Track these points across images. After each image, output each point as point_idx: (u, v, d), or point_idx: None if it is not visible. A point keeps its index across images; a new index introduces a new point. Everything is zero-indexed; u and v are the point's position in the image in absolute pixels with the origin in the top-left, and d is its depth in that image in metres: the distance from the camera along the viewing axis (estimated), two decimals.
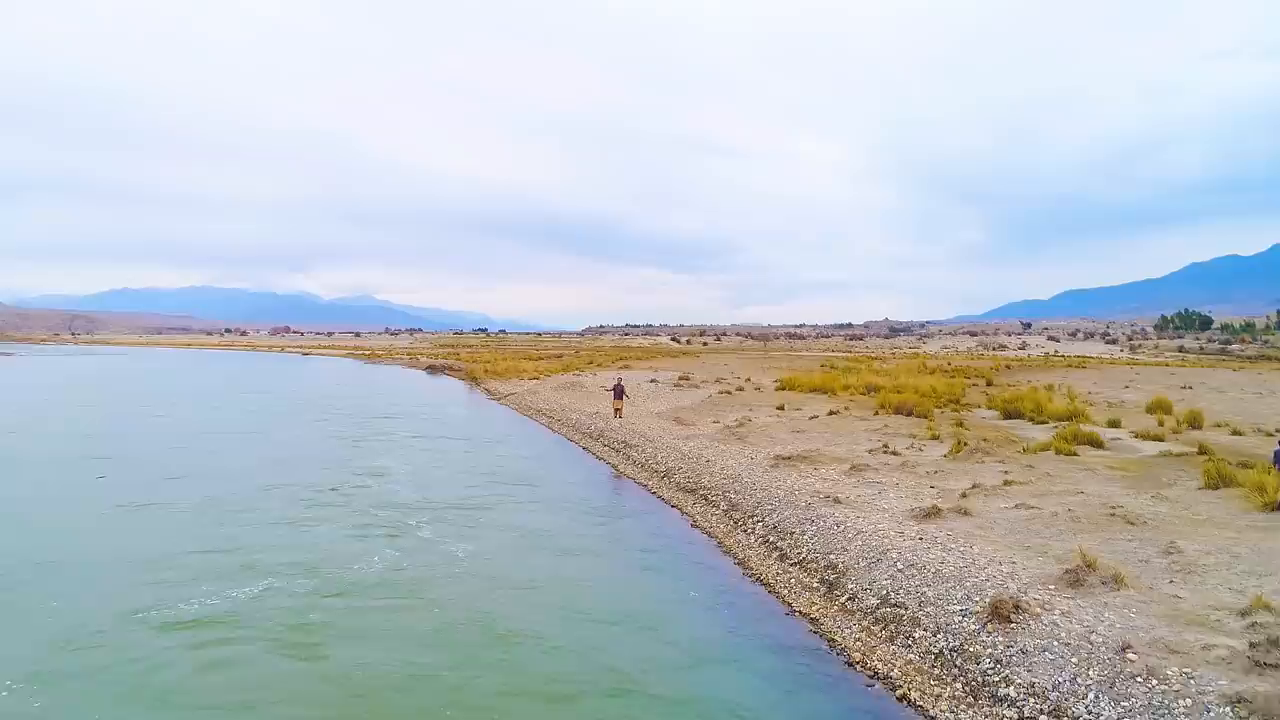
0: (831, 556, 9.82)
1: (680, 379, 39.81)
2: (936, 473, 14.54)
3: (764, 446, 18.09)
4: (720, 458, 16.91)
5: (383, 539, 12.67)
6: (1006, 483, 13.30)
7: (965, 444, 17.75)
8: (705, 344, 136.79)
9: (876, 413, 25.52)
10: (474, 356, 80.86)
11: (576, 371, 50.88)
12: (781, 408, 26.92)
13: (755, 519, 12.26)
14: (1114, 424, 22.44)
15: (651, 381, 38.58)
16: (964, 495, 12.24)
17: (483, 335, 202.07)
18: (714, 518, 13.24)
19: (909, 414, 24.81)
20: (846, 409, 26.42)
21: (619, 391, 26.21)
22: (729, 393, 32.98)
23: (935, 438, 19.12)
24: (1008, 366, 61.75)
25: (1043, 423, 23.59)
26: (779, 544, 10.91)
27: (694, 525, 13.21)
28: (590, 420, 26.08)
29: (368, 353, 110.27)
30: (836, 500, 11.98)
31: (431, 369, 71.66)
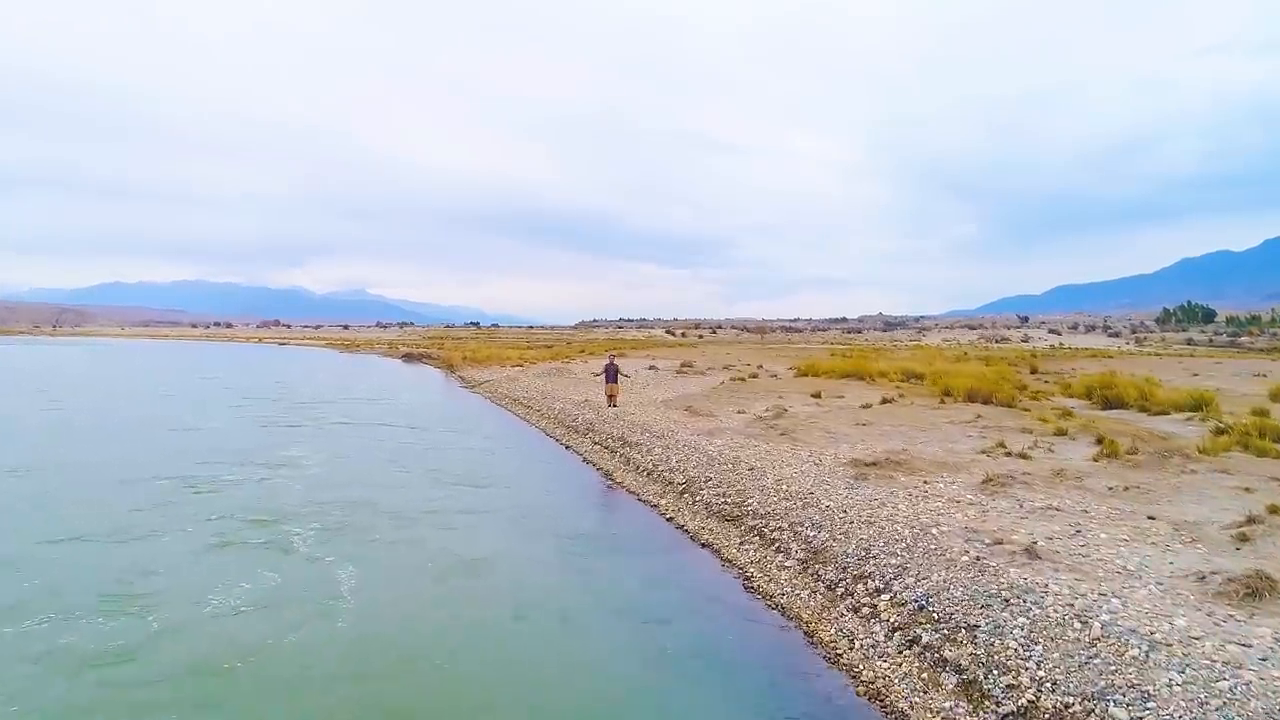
0: (1118, 713, 4.23)
1: (683, 365, 34.19)
2: (1127, 489, 9.00)
3: (824, 446, 12.53)
4: (768, 463, 11.27)
5: (241, 558, 8.56)
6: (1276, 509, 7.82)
7: (1111, 442, 12.27)
8: (700, 336, 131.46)
9: (942, 401, 20.04)
10: (456, 346, 75.10)
11: (565, 359, 45.15)
12: (818, 395, 21.38)
13: (868, 583, 6.62)
14: (1261, 414, 17.10)
15: (650, 368, 32.97)
16: (1243, 538, 6.73)
17: (474, 329, 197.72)
18: (783, 573, 7.55)
19: (987, 401, 19.35)
20: (901, 396, 20.92)
21: (612, 374, 20.55)
22: (742, 379, 27.48)
23: (1061, 433, 13.57)
24: (1034, 355, 56.80)
25: (1161, 413, 18.16)
26: (949, 653, 5.28)
27: (750, 587, 7.55)
28: (577, 410, 20.42)
29: (346, 343, 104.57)
30: (1030, 552, 6.37)
31: (408, 357, 66.35)
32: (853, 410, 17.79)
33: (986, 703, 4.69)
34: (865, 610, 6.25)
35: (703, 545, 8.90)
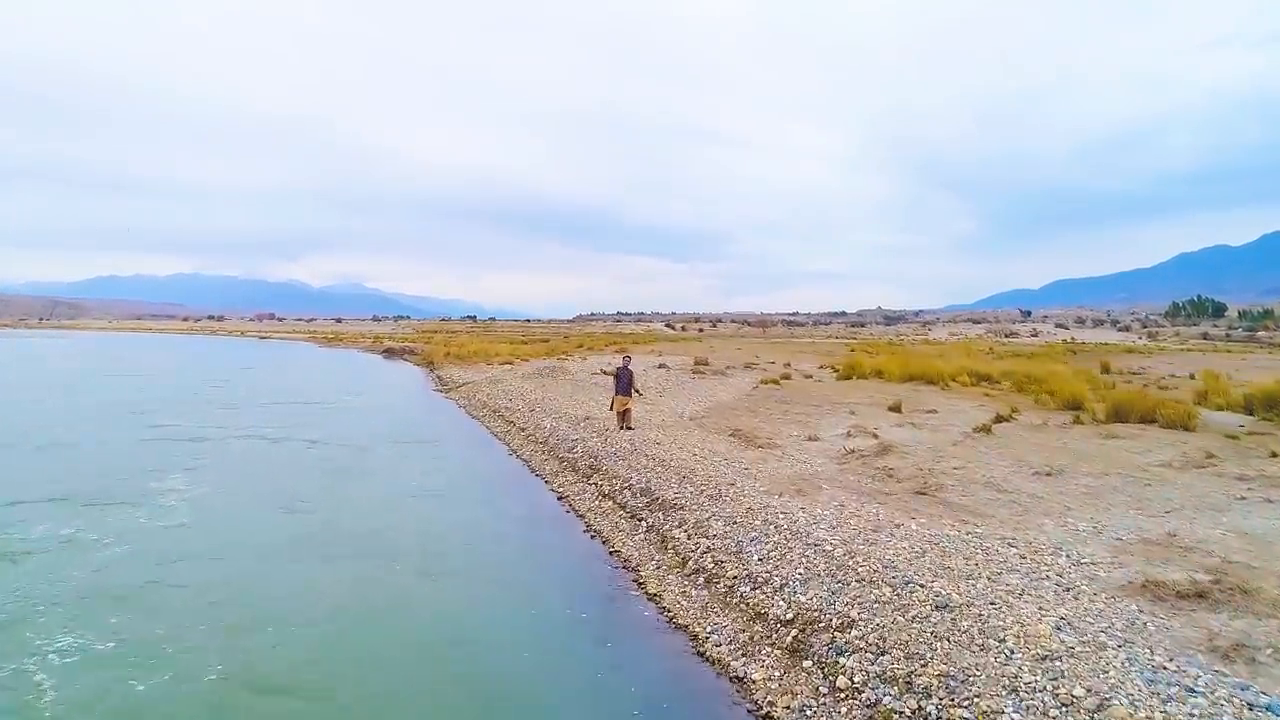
0: None
1: (697, 363, 28.68)
2: None
3: (1021, 526, 7.04)
4: (966, 586, 5.71)
5: None
6: None
7: None
8: (701, 330, 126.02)
9: (1077, 419, 14.58)
10: (444, 340, 69.44)
11: (561, 355, 39.47)
12: (898, 409, 15.90)
13: None
14: None
15: (660, 367, 27.43)
16: None
17: (470, 322, 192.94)
18: None
19: (1148, 420, 13.88)
20: (1015, 413, 15.39)
21: (624, 383, 14.71)
22: (775, 382, 22.04)
23: None
24: (1072, 353, 51.76)
25: None
26: None
27: None
28: (574, 433, 14.76)
29: (329, 336, 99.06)
30: None
31: (389, 352, 60.97)
32: (977, 438, 12.28)
33: None
34: None
35: None
